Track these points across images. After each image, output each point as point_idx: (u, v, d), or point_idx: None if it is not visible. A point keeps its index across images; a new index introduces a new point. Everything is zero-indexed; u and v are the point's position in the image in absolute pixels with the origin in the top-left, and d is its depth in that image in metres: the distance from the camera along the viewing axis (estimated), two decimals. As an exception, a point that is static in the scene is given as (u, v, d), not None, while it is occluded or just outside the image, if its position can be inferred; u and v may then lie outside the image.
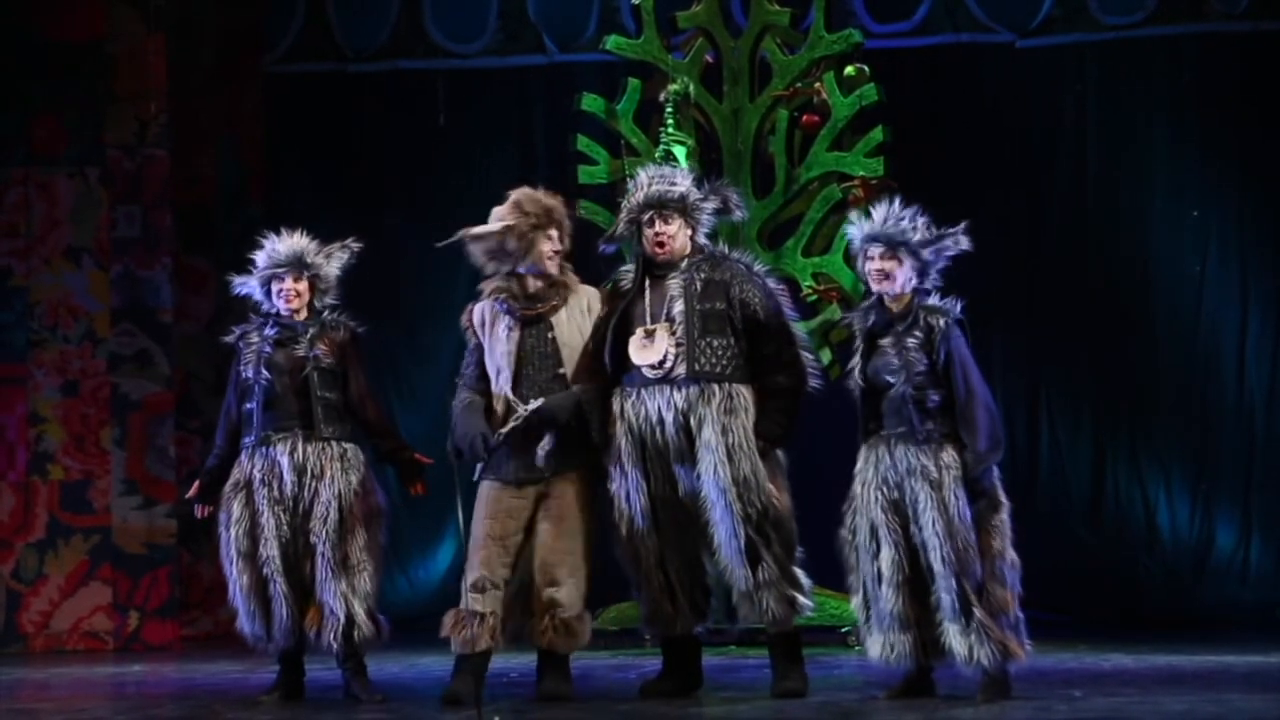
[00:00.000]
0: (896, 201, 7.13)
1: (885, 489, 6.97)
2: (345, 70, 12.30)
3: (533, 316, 7.29)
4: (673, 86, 10.38)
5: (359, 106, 12.33)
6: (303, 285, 7.59)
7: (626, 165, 10.34)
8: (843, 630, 9.53)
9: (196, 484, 7.64)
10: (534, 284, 7.31)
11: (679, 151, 10.15)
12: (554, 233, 7.30)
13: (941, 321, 6.96)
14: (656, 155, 10.19)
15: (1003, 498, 7.03)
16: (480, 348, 7.37)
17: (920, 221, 7.08)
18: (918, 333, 6.96)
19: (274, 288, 7.60)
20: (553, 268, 7.30)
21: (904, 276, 7.03)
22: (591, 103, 10.59)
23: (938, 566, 6.85)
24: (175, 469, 11.35)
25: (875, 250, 7.04)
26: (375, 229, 7.72)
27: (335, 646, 7.37)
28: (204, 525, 11.62)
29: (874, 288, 7.08)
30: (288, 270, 7.58)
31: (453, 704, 6.93)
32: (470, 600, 7.17)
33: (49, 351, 11.13)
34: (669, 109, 10.31)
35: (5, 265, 11.08)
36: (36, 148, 11.16)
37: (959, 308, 7.03)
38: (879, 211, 7.12)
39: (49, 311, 11.15)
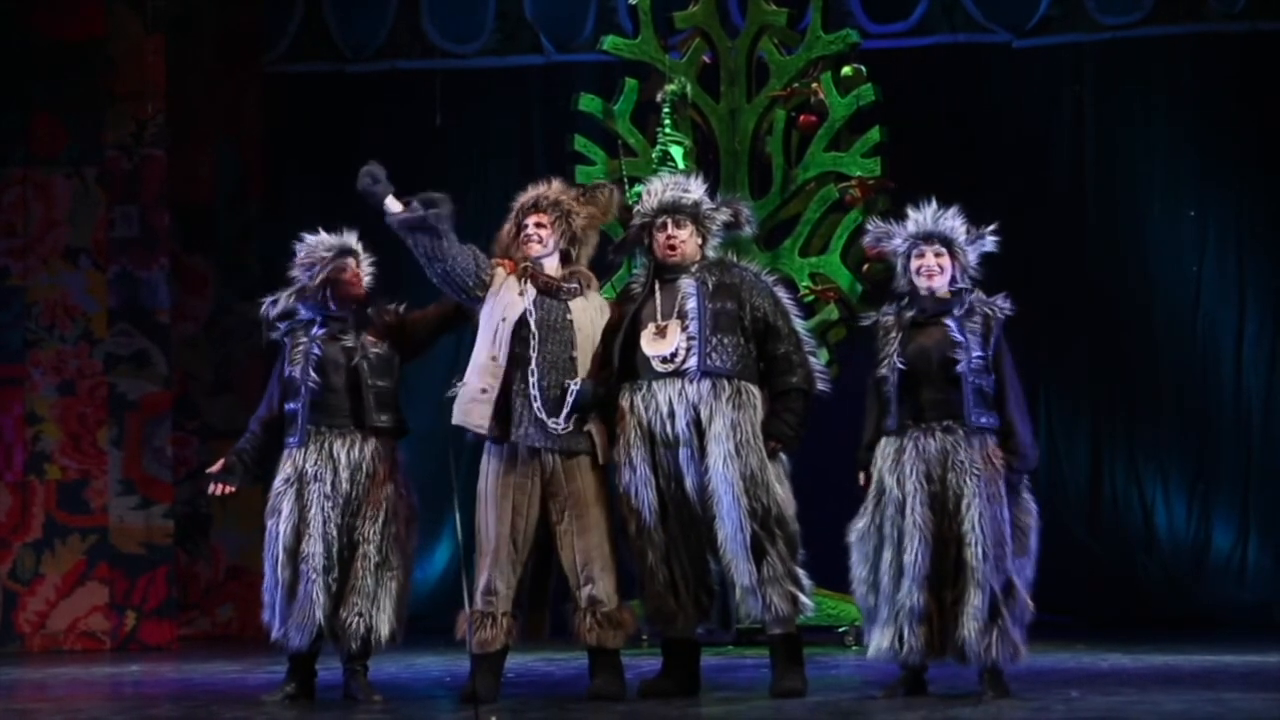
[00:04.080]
0: (934, 201, 7.20)
1: (926, 482, 6.99)
2: (343, 70, 12.34)
3: (553, 288, 7.33)
4: (670, 87, 10.39)
5: (357, 107, 12.35)
6: (363, 268, 7.58)
7: (624, 166, 10.37)
8: (840, 630, 9.54)
9: (221, 461, 7.52)
10: (554, 267, 7.38)
11: (676, 152, 10.16)
12: (539, 218, 7.37)
13: (998, 313, 7.08)
14: (653, 155, 10.22)
15: (1033, 506, 7.11)
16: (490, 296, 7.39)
17: (960, 220, 7.18)
18: (977, 319, 7.05)
19: (341, 277, 7.51)
20: (540, 247, 7.35)
21: (952, 273, 7.13)
22: (589, 103, 10.60)
23: (974, 562, 6.89)
24: (172, 469, 11.37)
25: (929, 248, 7.13)
26: (374, 228, 7.73)
27: (353, 646, 7.39)
28: (202, 524, 11.73)
29: (924, 283, 7.13)
30: (349, 255, 7.55)
31: (472, 703, 6.93)
32: (484, 601, 7.23)
33: (46, 351, 11.12)
34: (666, 109, 10.32)
35: (2, 265, 11.08)
36: (35, 147, 11.15)
37: (1009, 305, 7.12)
38: (926, 210, 7.20)
39: (46, 311, 11.14)
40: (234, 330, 11.72)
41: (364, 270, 7.59)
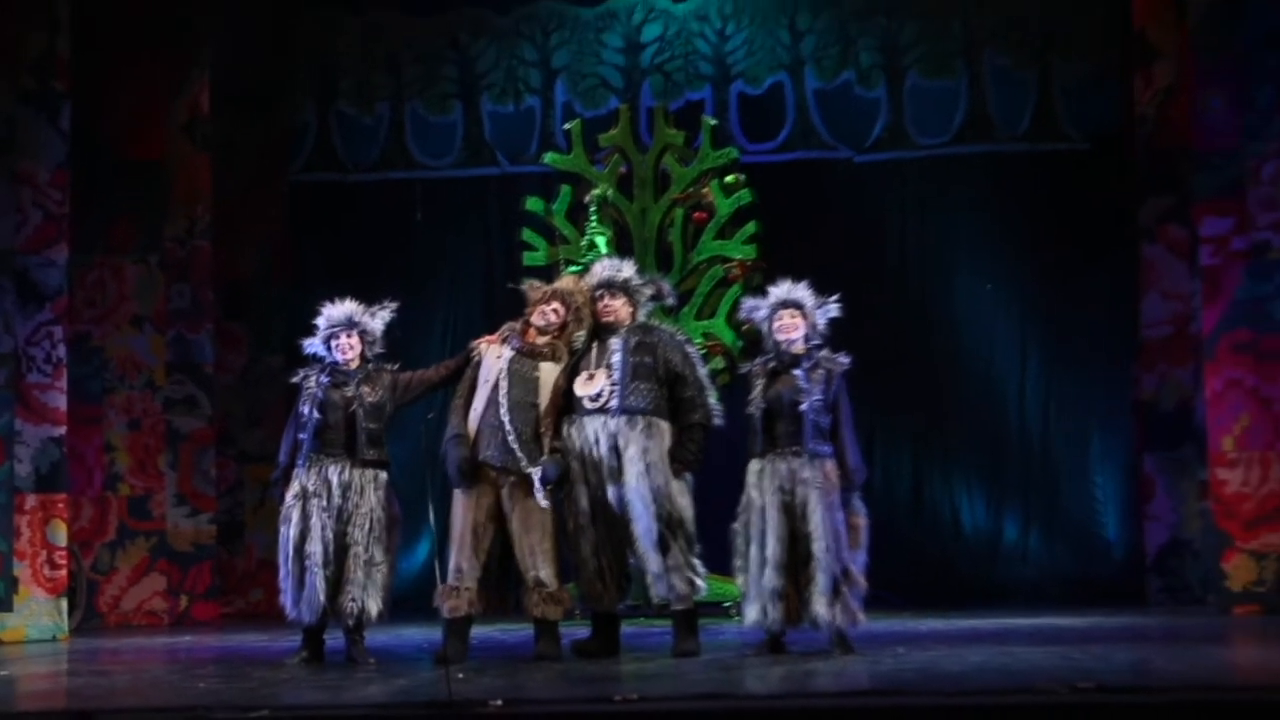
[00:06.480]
0: (789, 279, 7.30)
1: (780, 494, 7.06)
2: (345, 179, 12.27)
3: (527, 350, 7.38)
4: (595, 191, 10.43)
5: (358, 207, 12.27)
6: (354, 339, 7.60)
7: (560, 251, 10.45)
8: (725, 605, 9.49)
9: (284, 483, 7.53)
10: (536, 334, 7.46)
11: (600, 241, 10.19)
12: (552, 305, 7.46)
13: (837, 368, 7.16)
14: (583, 244, 10.23)
15: (863, 510, 7.20)
16: (476, 366, 7.42)
17: (808, 291, 7.27)
18: (820, 371, 7.11)
19: (333, 343, 7.60)
20: (539, 321, 7.45)
21: (805, 330, 7.21)
22: (534, 204, 10.65)
23: (819, 554, 6.96)
24: (215, 486, 11.33)
25: (786, 312, 7.23)
26: (370, 298, 7.84)
27: (350, 623, 7.44)
28: (238, 528, 11.68)
29: (783, 338, 7.21)
30: (343, 328, 7.61)
31: (444, 663, 6.85)
32: (453, 577, 7.30)
33: (119, 396, 11.02)
34: (593, 208, 10.36)
35: (86, 330, 10.95)
36: (111, 241, 11.03)
37: (847, 360, 7.19)
38: (783, 285, 7.28)
39: (118, 365, 11.02)
40: (263, 379, 11.69)
41: (354, 342, 7.59)
